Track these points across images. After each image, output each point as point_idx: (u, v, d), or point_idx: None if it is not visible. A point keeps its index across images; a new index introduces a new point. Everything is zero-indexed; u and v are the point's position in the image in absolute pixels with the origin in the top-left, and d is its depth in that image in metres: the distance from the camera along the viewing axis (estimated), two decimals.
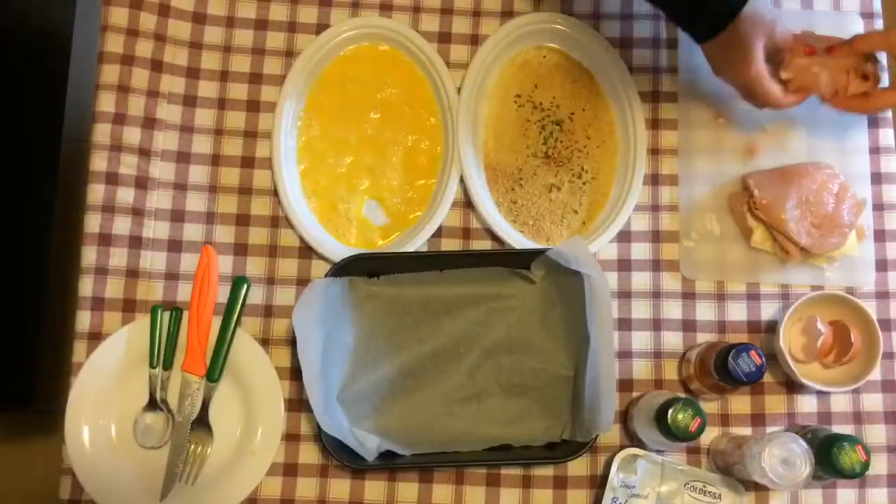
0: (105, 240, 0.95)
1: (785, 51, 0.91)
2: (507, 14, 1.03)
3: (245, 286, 0.94)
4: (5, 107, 1.51)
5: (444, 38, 1.02)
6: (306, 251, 0.97)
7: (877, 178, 1.00)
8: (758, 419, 0.94)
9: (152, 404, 0.91)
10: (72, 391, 0.90)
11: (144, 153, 0.97)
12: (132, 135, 0.97)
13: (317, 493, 0.91)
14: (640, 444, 0.91)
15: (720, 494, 0.90)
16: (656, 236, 0.99)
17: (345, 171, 0.99)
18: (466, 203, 0.98)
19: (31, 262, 1.60)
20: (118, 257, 0.95)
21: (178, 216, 0.97)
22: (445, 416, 0.92)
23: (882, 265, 0.98)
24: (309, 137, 1.00)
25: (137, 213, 0.96)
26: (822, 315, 0.93)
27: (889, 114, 1.02)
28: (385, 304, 0.93)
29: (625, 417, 0.93)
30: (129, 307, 0.94)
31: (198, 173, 0.98)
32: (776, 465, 0.82)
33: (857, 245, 0.97)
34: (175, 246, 0.96)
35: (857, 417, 0.94)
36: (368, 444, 0.88)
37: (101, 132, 0.97)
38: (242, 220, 0.97)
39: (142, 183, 0.97)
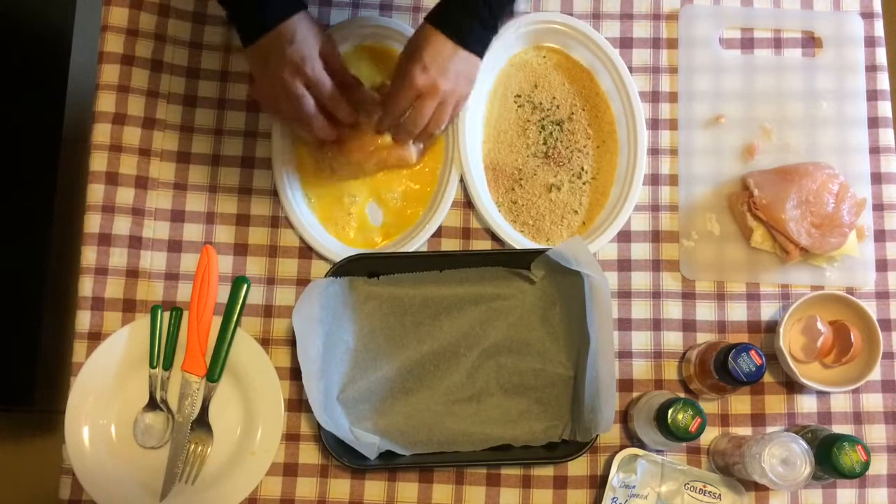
0: (105, 240, 0.95)
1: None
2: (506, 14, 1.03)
3: (245, 286, 0.94)
4: (5, 107, 1.51)
5: None
6: (306, 251, 0.97)
7: (877, 178, 1.00)
8: (758, 419, 0.94)
9: (152, 404, 0.91)
10: (72, 391, 0.90)
11: (144, 153, 0.97)
12: (132, 135, 0.97)
13: (317, 493, 0.91)
14: (640, 444, 0.91)
15: (720, 494, 0.90)
16: (656, 236, 0.99)
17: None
18: (466, 203, 0.98)
19: (31, 262, 1.60)
20: (118, 257, 0.95)
21: (178, 216, 0.97)
22: (445, 416, 0.92)
23: (882, 265, 0.98)
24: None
25: (137, 213, 0.96)
26: (822, 315, 0.93)
27: (889, 114, 1.02)
28: (385, 304, 0.93)
29: (625, 417, 0.93)
30: (129, 307, 0.94)
31: (198, 173, 0.98)
32: (776, 465, 0.82)
33: (857, 245, 0.97)
34: (175, 246, 0.96)
35: (857, 417, 0.94)
36: (368, 444, 0.88)
37: (101, 132, 0.97)
38: (242, 220, 0.97)
39: (142, 183, 0.97)
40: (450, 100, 0.89)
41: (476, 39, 0.88)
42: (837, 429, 0.93)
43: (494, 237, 0.97)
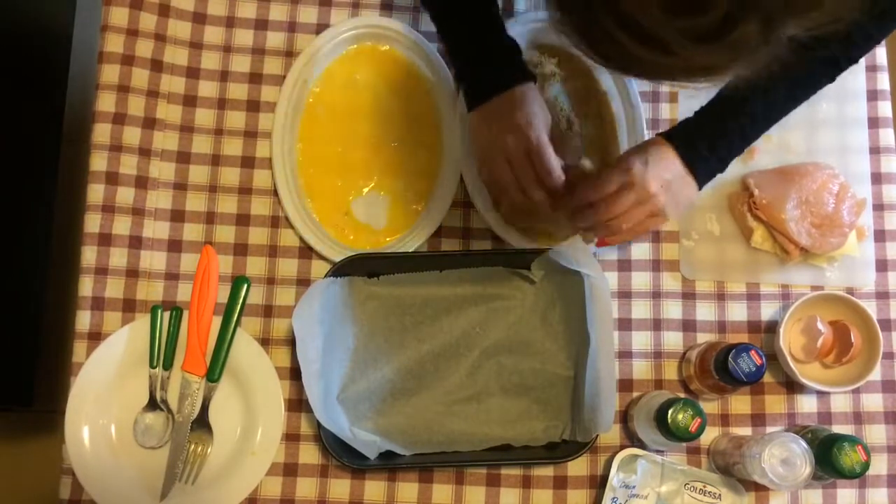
0: (105, 240, 0.95)
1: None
2: (507, 14, 1.03)
3: (245, 286, 0.94)
4: (5, 107, 1.51)
5: None
6: (306, 251, 0.97)
7: (877, 178, 1.00)
8: (758, 419, 0.94)
9: (152, 404, 0.91)
10: (72, 391, 0.90)
11: (144, 153, 0.97)
12: (132, 135, 0.97)
13: (317, 493, 0.91)
14: (640, 444, 0.91)
15: (720, 494, 0.90)
16: (656, 236, 0.99)
17: (345, 171, 0.99)
18: (466, 203, 0.98)
19: (32, 261, 1.60)
20: (118, 257, 0.95)
21: (178, 216, 0.97)
22: (445, 416, 0.92)
23: (882, 265, 0.98)
24: (309, 137, 1.00)
25: (137, 213, 0.96)
26: (822, 315, 0.93)
27: (889, 114, 1.02)
28: (385, 304, 0.93)
29: (625, 417, 0.93)
30: (129, 307, 0.94)
31: (198, 173, 0.98)
32: (776, 466, 0.82)
33: (857, 245, 0.97)
34: (175, 246, 0.96)
35: (857, 417, 0.94)
36: (368, 444, 0.88)
37: (101, 132, 0.97)
38: (242, 220, 0.97)
39: (142, 183, 0.97)
40: (650, 206, 0.82)
41: (705, 171, 0.84)
42: (837, 429, 0.93)
43: (494, 237, 0.97)
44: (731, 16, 0.47)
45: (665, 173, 0.82)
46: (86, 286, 0.94)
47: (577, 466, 0.92)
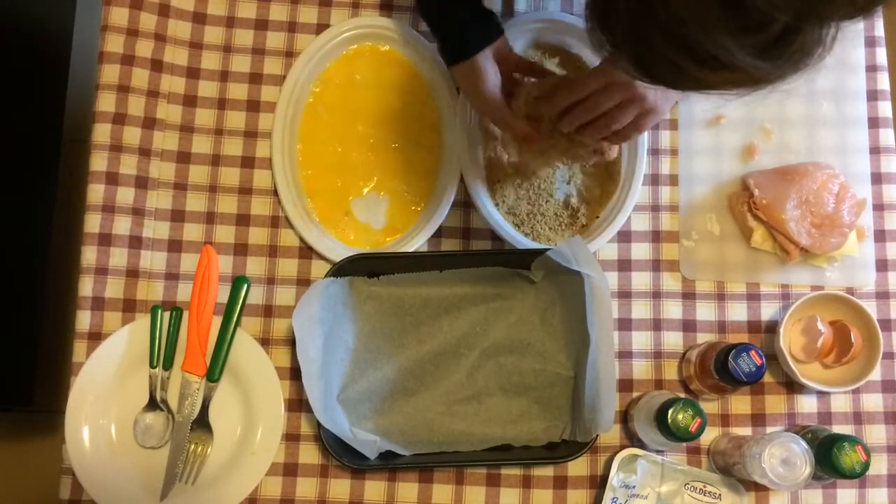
0: (105, 240, 0.95)
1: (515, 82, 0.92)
2: (507, 14, 1.03)
3: (245, 286, 0.94)
4: (5, 107, 1.51)
5: None
6: (306, 251, 0.97)
7: (877, 178, 1.00)
8: (758, 419, 0.94)
9: (152, 404, 0.91)
10: (72, 391, 0.90)
11: (144, 153, 0.97)
12: (132, 135, 0.97)
13: (317, 493, 0.91)
14: (640, 444, 0.91)
15: (720, 494, 0.90)
16: (656, 236, 0.99)
17: (345, 171, 0.99)
18: (466, 203, 0.98)
19: (31, 262, 1.60)
20: (118, 257, 0.95)
21: (178, 216, 0.97)
22: (445, 416, 0.92)
23: (882, 265, 0.98)
24: (309, 137, 1.00)
25: (137, 213, 0.96)
26: (822, 315, 0.93)
27: (889, 114, 1.02)
28: (385, 304, 0.93)
29: (625, 417, 0.93)
30: (129, 307, 0.94)
31: (198, 173, 0.98)
32: (776, 466, 0.82)
33: (858, 245, 0.97)
34: (175, 246, 0.96)
35: (857, 417, 0.94)
36: (368, 444, 0.88)
37: (101, 132, 0.97)
38: (242, 220, 0.97)
39: (142, 183, 0.97)
40: (651, 115, 0.85)
41: None
42: (837, 429, 0.93)
43: (494, 237, 0.97)
44: (790, 27, 0.48)
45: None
46: (86, 286, 0.94)
47: (577, 466, 0.92)
